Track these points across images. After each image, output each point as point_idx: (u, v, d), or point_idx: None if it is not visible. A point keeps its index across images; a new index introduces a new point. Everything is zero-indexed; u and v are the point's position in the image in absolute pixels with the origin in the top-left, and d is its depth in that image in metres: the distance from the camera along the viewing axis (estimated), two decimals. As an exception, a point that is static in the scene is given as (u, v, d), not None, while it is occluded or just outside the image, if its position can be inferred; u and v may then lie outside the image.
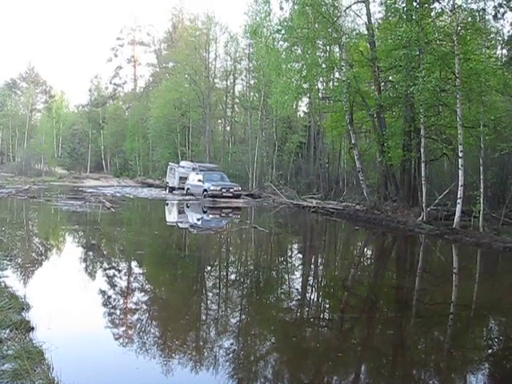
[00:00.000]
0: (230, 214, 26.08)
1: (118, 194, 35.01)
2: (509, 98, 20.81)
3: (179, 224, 21.87)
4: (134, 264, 12.97)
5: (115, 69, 72.23)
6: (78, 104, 79.59)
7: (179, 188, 35.82)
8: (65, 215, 22.64)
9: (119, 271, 11.83)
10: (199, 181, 32.14)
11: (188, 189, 33.79)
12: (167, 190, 38.01)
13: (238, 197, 31.22)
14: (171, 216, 25.88)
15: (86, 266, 12.23)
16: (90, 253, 14.00)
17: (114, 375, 5.88)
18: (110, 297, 9.22)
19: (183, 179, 35.28)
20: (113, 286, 10.22)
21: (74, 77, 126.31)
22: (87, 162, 70.17)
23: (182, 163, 38.67)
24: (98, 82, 73.12)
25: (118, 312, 8.38)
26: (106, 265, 12.44)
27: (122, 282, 10.72)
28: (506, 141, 18.60)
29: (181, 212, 27.12)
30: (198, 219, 23.57)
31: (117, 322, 7.77)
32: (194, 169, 34.16)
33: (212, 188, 30.61)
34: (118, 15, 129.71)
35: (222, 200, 29.82)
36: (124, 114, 69.89)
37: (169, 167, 39.19)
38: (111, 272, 11.56)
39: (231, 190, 31.04)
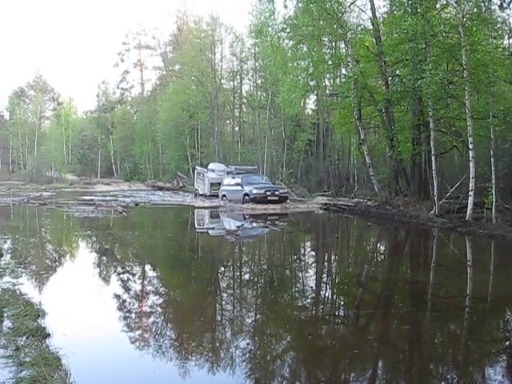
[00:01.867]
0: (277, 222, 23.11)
1: (138, 200, 33.49)
2: (517, 87, 20.66)
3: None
4: (147, 267, 13.02)
5: (122, 73, 72.71)
6: (87, 110, 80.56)
7: (211, 195, 31.96)
8: (77, 221, 22.73)
9: (133, 275, 11.87)
10: (237, 184, 28.46)
11: (224, 195, 29.74)
12: (197, 197, 34.13)
13: (284, 200, 27.59)
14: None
15: (100, 271, 12.29)
16: (104, 258, 14.06)
17: (131, 379, 5.88)
18: (124, 301, 9.25)
19: (215, 185, 31.45)
20: (127, 290, 10.24)
21: (81, 83, 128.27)
22: (97, 167, 70.54)
23: (211, 165, 34.59)
24: (105, 88, 73.60)
25: (133, 316, 8.40)
26: (120, 269, 12.50)
27: (136, 286, 10.75)
28: (515, 131, 18.50)
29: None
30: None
31: (132, 325, 7.79)
32: (228, 172, 30.42)
33: (255, 192, 26.73)
34: (123, 20, 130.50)
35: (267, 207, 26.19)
36: (132, 119, 70.21)
37: (196, 172, 35.49)
38: (125, 276, 11.61)
39: (276, 193, 27.23)
